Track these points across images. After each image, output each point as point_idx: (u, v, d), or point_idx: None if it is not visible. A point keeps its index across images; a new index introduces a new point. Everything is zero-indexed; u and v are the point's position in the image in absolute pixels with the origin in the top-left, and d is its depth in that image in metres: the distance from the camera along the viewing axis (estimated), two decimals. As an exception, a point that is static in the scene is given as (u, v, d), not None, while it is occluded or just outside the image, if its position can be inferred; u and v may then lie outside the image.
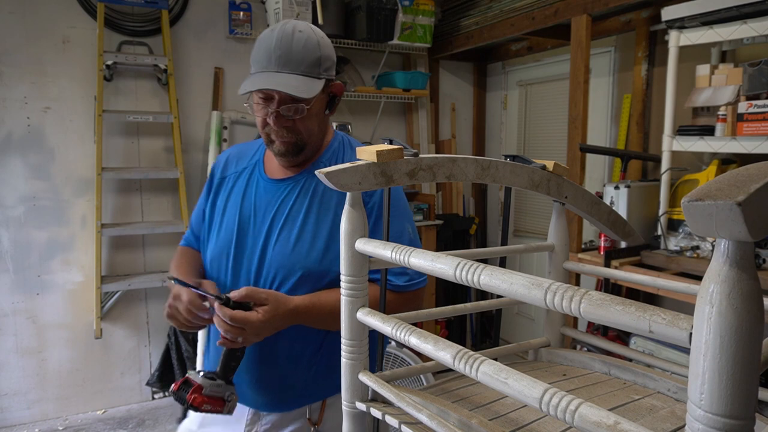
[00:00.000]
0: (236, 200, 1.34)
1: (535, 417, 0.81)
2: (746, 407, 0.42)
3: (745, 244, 0.41)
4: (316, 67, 1.23)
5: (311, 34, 1.23)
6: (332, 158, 1.35)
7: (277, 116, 1.23)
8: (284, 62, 1.20)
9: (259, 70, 1.22)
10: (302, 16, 3.15)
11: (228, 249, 1.31)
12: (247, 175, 1.36)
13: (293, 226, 1.27)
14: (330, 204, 1.29)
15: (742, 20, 2.01)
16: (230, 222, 1.32)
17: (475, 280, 0.63)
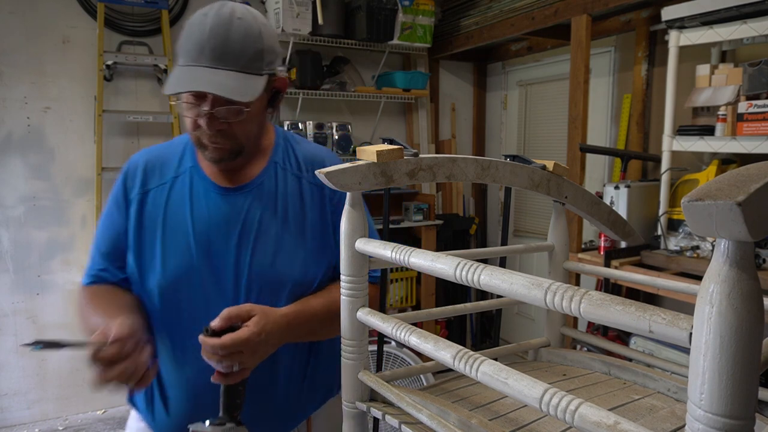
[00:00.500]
0: (181, 217, 1.13)
1: (535, 417, 0.81)
2: (746, 407, 0.42)
3: (745, 244, 0.41)
4: (257, 61, 1.05)
5: (252, 22, 1.05)
6: (285, 158, 1.20)
7: (211, 119, 1.04)
8: (219, 56, 1.01)
9: (188, 63, 1.03)
10: (302, 16, 3.15)
11: (188, 274, 1.11)
12: (185, 186, 1.15)
13: (267, 237, 1.13)
14: (298, 207, 1.17)
15: (742, 20, 2.01)
16: (182, 243, 1.11)
17: (475, 280, 0.63)
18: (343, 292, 0.91)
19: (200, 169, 1.16)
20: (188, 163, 1.17)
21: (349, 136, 3.50)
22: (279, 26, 3.16)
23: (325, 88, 3.41)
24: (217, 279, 1.12)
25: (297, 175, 1.19)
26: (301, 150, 1.23)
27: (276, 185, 1.17)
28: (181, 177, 1.16)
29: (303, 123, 3.38)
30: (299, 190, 1.18)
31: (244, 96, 1.02)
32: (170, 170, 1.17)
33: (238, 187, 1.15)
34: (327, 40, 3.35)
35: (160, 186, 1.16)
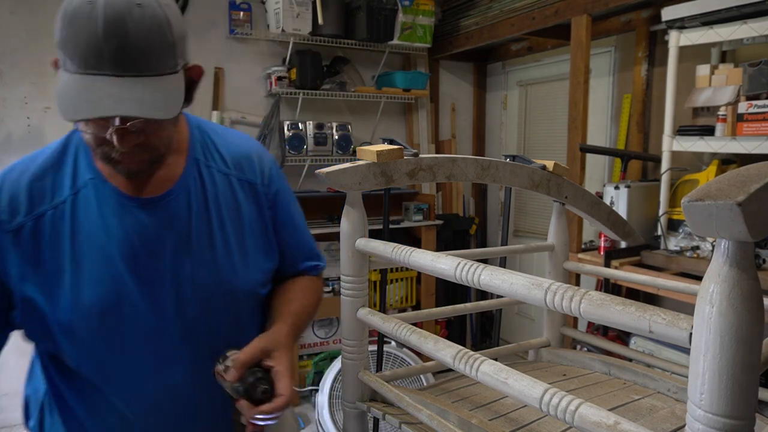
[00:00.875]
0: (96, 239, 0.93)
1: (535, 417, 0.81)
2: (746, 407, 0.42)
3: (745, 244, 0.41)
4: (169, 57, 0.85)
5: (156, 8, 0.82)
6: (206, 154, 1.05)
7: (124, 134, 0.84)
8: (124, 60, 0.80)
9: (85, 71, 0.81)
10: (302, 16, 3.15)
11: (117, 303, 0.94)
12: (91, 202, 0.94)
13: (205, 248, 1.00)
14: (233, 208, 1.04)
15: (742, 20, 2.01)
16: (102, 269, 0.93)
17: (475, 280, 0.63)
18: (343, 292, 0.91)
19: (105, 180, 0.95)
20: (86, 174, 0.95)
21: (349, 136, 3.50)
22: (279, 26, 3.16)
23: (325, 88, 3.41)
24: (153, 304, 0.96)
25: (225, 172, 1.05)
26: (222, 143, 1.08)
27: (203, 187, 1.01)
28: (83, 192, 0.94)
29: (303, 123, 3.38)
30: (230, 189, 1.04)
31: (167, 111, 0.83)
32: (63, 186, 0.94)
33: (161, 196, 0.97)
34: (327, 40, 3.35)
35: (58, 207, 0.93)
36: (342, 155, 3.45)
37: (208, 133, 1.08)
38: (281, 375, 0.89)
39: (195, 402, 1.02)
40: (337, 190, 0.85)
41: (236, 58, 3.40)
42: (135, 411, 0.99)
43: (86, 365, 0.96)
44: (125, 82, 0.80)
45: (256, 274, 1.06)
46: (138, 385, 0.98)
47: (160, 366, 0.98)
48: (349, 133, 3.51)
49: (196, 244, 0.99)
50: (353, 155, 3.41)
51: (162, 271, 0.96)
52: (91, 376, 0.97)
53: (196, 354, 0.99)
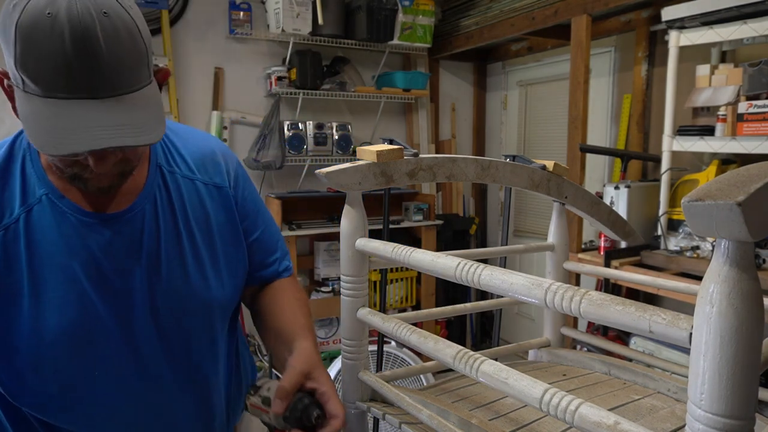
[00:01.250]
0: (57, 261, 0.85)
1: (535, 417, 0.81)
2: (746, 407, 0.42)
3: (745, 244, 0.41)
4: (145, 67, 0.77)
5: (124, 15, 0.73)
6: (168, 158, 0.97)
7: (102, 157, 0.77)
8: (98, 81, 0.71)
9: (52, 94, 0.71)
10: (302, 16, 3.15)
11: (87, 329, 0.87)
12: (48, 220, 0.85)
13: (176, 262, 0.94)
14: (201, 215, 0.98)
15: (742, 20, 2.01)
16: (67, 293, 0.86)
17: (475, 280, 0.63)
18: (343, 292, 0.91)
19: (62, 196, 0.86)
20: (38, 189, 0.86)
21: (349, 136, 3.50)
22: (279, 26, 3.16)
23: (325, 88, 3.41)
24: (125, 325, 0.90)
25: (189, 177, 0.98)
26: (182, 144, 1.00)
27: (169, 196, 0.94)
28: (36, 209, 0.85)
29: (303, 123, 3.38)
30: (197, 195, 0.98)
31: (157, 132, 0.76)
32: (12, 203, 0.85)
33: (126, 210, 0.90)
34: (327, 40, 3.35)
35: (11, 226, 0.84)
36: (342, 155, 3.45)
37: (167, 134, 0.99)
38: (329, 396, 0.85)
39: (177, 419, 0.99)
40: (337, 190, 0.85)
41: (236, 58, 3.40)
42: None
43: (53, 395, 0.88)
44: (104, 105, 0.72)
45: (229, 284, 1.01)
46: (114, 409, 0.93)
47: (138, 387, 0.93)
48: (349, 133, 3.51)
49: (166, 258, 0.93)
50: (353, 155, 3.41)
51: (132, 289, 0.90)
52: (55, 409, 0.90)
53: (176, 370, 0.96)
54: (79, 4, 0.70)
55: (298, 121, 3.38)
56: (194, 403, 1.01)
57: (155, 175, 0.94)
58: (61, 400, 0.89)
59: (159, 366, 0.94)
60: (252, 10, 3.35)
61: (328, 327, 3.48)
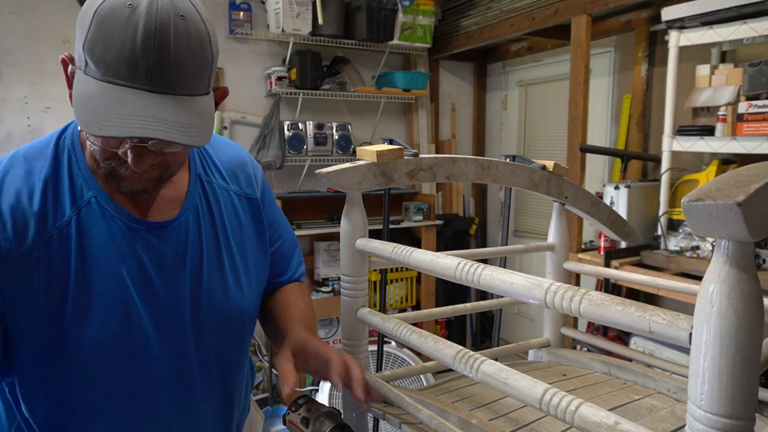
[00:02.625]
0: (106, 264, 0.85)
1: (535, 417, 0.81)
2: (746, 407, 0.42)
3: (745, 244, 0.41)
4: (206, 77, 0.78)
5: (198, 22, 0.76)
6: (206, 168, 0.99)
7: (142, 153, 0.77)
8: (160, 77, 0.72)
9: (113, 80, 0.72)
10: (302, 16, 3.15)
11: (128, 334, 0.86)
12: (98, 222, 0.85)
13: (216, 273, 0.95)
14: (236, 226, 1.00)
15: (742, 20, 2.01)
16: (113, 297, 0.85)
17: (475, 280, 0.63)
18: (343, 292, 0.91)
19: (109, 199, 0.86)
20: (87, 191, 0.85)
21: (349, 136, 3.50)
22: (279, 26, 3.16)
23: (325, 88, 3.41)
24: (166, 334, 0.90)
25: (225, 187, 1.00)
26: (216, 153, 1.02)
27: (209, 206, 0.96)
28: (86, 212, 0.84)
29: (303, 123, 3.38)
30: (232, 206, 1.00)
31: (202, 137, 0.76)
32: (64, 204, 0.84)
33: (173, 219, 0.91)
34: (327, 40, 3.35)
35: (64, 228, 0.83)
36: (342, 155, 3.45)
37: None
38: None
39: (200, 424, 0.99)
40: (337, 190, 0.85)
41: (236, 58, 3.40)
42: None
43: (90, 401, 0.87)
44: (158, 100, 0.73)
45: (257, 293, 1.03)
46: (149, 416, 0.92)
47: (171, 396, 0.93)
48: (349, 133, 3.51)
49: (207, 269, 0.93)
50: (353, 155, 3.41)
51: (176, 299, 0.90)
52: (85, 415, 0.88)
53: (207, 379, 0.95)
54: (161, 2, 0.72)
55: (298, 121, 3.38)
56: (216, 408, 1.01)
57: (195, 184, 0.95)
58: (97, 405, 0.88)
59: (191, 375, 0.93)
60: (252, 10, 3.35)
61: (328, 327, 3.48)
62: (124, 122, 0.71)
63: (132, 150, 0.76)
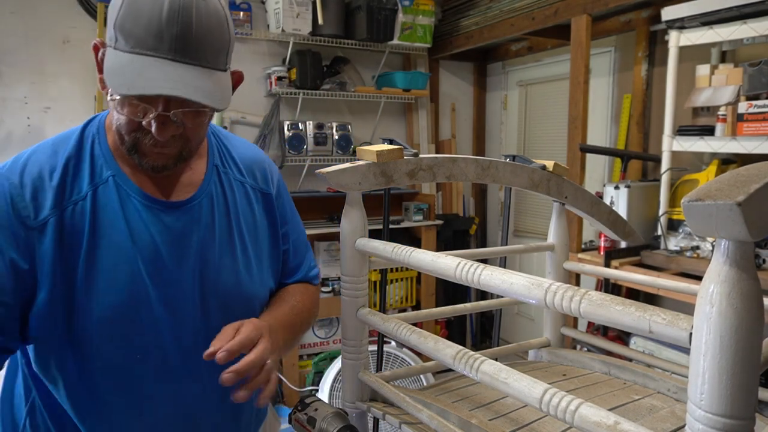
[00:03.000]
0: (117, 239, 0.89)
1: (535, 417, 0.81)
2: (746, 407, 0.42)
3: (745, 244, 0.41)
4: (224, 54, 0.86)
5: (216, 4, 0.84)
6: (223, 161, 1.04)
7: (165, 123, 0.83)
8: (183, 46, 0.79)
9: (140, 51, 0.79)
10: (302, 16, 3.15)
11: (136, 309, 0.89)
12: (113, 200, 0.90)
13: (227, 256, 0.98)
14: (250, 217, 1.04)
15: (742, 20, 2.01)
16: (123, 271, 0.89)
17: (475, 280, 0.63)
18: (343, 292, 0.91)
19: (127, 179, 0.92)
20: (106, 171, 0.91)
21: (349, 136, 3.50)
22: (279, 26, 3.16)
23: (325, 88, 3.41)
24: (173, 312, 0.92)
25: (240, 180, 1.05)
26: (235, 151, 1.07)
27: (224, 194, 1.01)
28: (102, 189, 0.90)
29: (303, 123, 3.38)
30: (246, 198, 1.05)
31: (222, 103, 0.84)
32: (82, 181, 0.89)
33: (186, 200, 0.96)
34: (327, 40, 3.35)
35: (79, 201, 0.88)
36: (342, 155, 3.45)
37: (221, 139, 1.07)
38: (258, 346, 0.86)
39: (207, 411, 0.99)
40: (337, 190, 0.85)
41: (236, 58, 3.37)
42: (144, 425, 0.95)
43: (95, 376, 0.90)
44: (182, 68, 0.80)
45: (269, 284, 1.06)
46: (151, 397, 0.93)
47: (175, 375, 0.94)
48: (349, 133, 3.51)
49: (218, 251, 0.97)
50: (353, 155, 3.41)
51: (184, 278, 0.93)
52: (97, 389, 0.91)
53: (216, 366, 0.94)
54: None
55: (298, 121, 3.38)
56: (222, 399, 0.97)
57: (212, 173, 1.01)
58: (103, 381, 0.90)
59: (198, 357, 0.91)
60: (252, 10, 3.35)
61: (328, 327, 3.48)
62: (152, 83, 0.78)
63: (156, 119, 0.82)
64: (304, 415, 0.86)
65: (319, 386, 2.71)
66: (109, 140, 0.93)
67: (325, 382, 2.67)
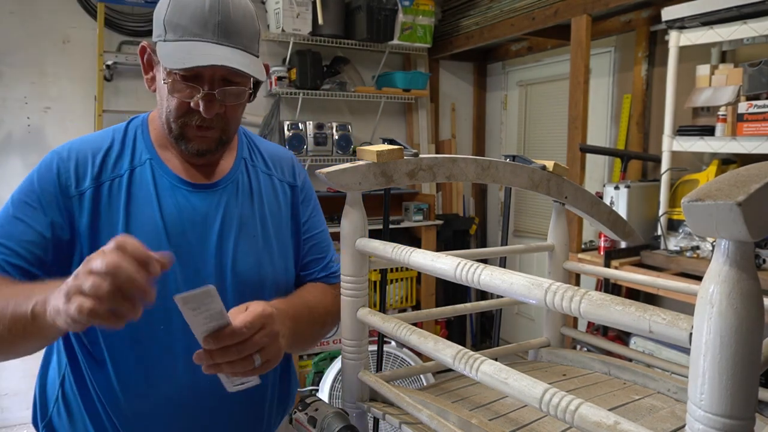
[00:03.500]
0: (148, 215, 0.99)
1: (535, 417, 0.81)
2: (746, 407, 0.42)
3: (745, 244, 0.41)
4: (255, 42, 1.00)
5: (247, 2, 1.00)
6: (252, 155, 1.14)
7: (211, 101, 0.95)
8: (225, 32, 0.94)
9: (187, 37, 0.93)
10: (302, 16, 3.15)
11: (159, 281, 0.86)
12: (148, 179, 1.01)
13: (249, 238, 1.05)
14: (275, 206, 1.11)
15: (742, 20, 2.01)
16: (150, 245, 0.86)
17: (475, 280, 0.63)
18: (343, 292, 0.91)
19: (162, 163, 1.04)
20: (145, 155, 1.04)
21: (349, 136, 3.50)
22: (279, 26, 3.16)
23: (325, 88, 3.41)
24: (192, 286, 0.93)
25: (267, 173, 1.14)
26: (263, 148, 1.17)
27: (250, 182, 1.10)
28: (140, 170, 1.02)
29: (303, 123, 3.38)
30: (272, 188, 1.13)
31: (260, 74, 0.96)
32: (123, 162, 1.02)
33: (213, 183, 1.05)
34: (327, 40, 3.35)
35: (117, 178, 1.00)
36: (342, 155, 3.45)
37: (251, 137, 1.18)
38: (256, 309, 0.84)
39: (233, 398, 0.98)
40: (337, 190, 0.85)
41: (236, 58, 3.40)
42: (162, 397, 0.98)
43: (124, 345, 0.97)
44: (224, 47, 0.94)
45: (289, 271, 1.12)
46: (172, 368, 0.98)
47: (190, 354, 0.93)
48: (349, 133, 3.51)
49: (240, 233, 1.04)
50: (353, 155, 3.41)
51: (205, 254, 1.01)
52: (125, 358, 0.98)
53: None
54: None
55: (298, 121, 3.37)
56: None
57: (240, 163, 1.11)
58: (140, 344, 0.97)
59: None
60: (252, 10, 3.35)
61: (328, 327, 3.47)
62: (202, 58, 0.91)
63: (203, 99, 0.94)
64: (304, 414, 0.86)
65: (319, 386, 2.71)
66: (152, 133, 1.06)
67: (325, 382, 2.67)
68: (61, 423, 1.03)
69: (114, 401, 0.99)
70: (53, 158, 1.00)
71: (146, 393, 0.99)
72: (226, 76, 0.95)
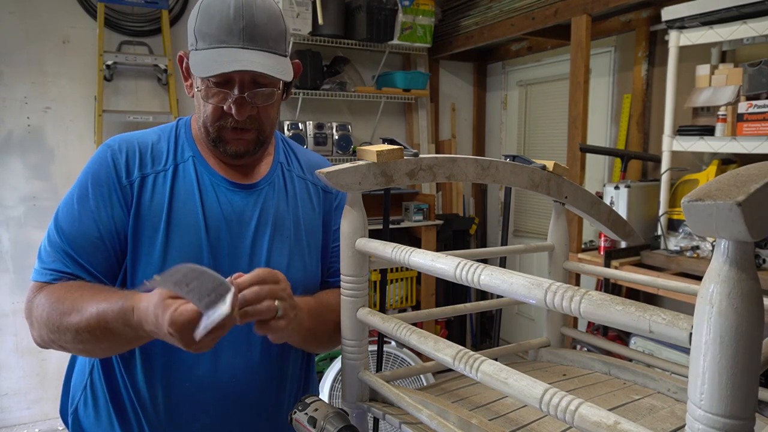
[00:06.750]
0: (190, 210, 1.04)
1: (535, 417, 0.81)
2: (746, 407, 0.42)
3: (745, 244, 0.41)
4: (282, 42, 1.02)
5: (271, 3, 1.02)
6: (288, 160, 1.18)
7: (242, 103, 0.99)
8: (250, 36, 0.97)
9: (216, 45, 0.97)
10: (302, 16, 3.15)
11: None
12: (191, 176, 1.06)
13: (283, 239, 1.09)
14: (309, 209, 1.15)
15: (742, 20, 2.01)
16: (190, 239, 1.03)
17: (475, 280, 0.63)
18: (343, 292, 0.90)
19: (204, 161, 1.08)
20: (189, 153, 1.08)
21: (349, 136, 3.50)
22: (279, 26, 3.16)
23: (325, 88, 3.41)
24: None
25: (302, 177, 1.17)
26: (300, 154, 1.21)
27: (285, 185, 1.14)
28: (183, 166, 1.07)
29: (303, 123, 3.38)
30: (307, 192, 1.17)
31: (286, 74, 0.99)
32: (167, 156, 1.07)
33: (252, 184, 1.10)
34: (327, 40, 3.35)
35: (162, 172, 1.05)
36: (342, 155, 3.45)
37: (288, 144, 1.22)
38: None
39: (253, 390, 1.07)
40: (337, 190, 0.85)
41: (236, 58, 3.39)
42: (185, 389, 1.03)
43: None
44: (250, 52, 0.97)
45: (317, 274, 1.15)
46: (196, 360, 1.01)
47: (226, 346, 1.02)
48: (349, 133, 3.51)
49: (274, 233, 1.09)
50: (353, 155, 3.41)
51: (240, 252, 1.06)
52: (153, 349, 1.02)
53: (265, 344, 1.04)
54: None
55: (298, 121, 3.37)
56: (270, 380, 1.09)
57: (277, 167, 1.15)
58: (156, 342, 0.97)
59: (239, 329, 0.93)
60: (252, 10, 3.35)
61: (328, 327, 3.47)
62: (227, 65, 0.95)
63: (234, 102, 0.99)
64: (304, 415, 0.86)
65: (319, 386, 2.71)
66: (194, 134, 1.11)
67: (325, 382, 2.67)
68: (87, 412, 1.08)
69: (138, 392, 1.04)
70: (106, 151, 1.05)
71: (170, 385, 1.03)
72: (255, 79, 0.99)
